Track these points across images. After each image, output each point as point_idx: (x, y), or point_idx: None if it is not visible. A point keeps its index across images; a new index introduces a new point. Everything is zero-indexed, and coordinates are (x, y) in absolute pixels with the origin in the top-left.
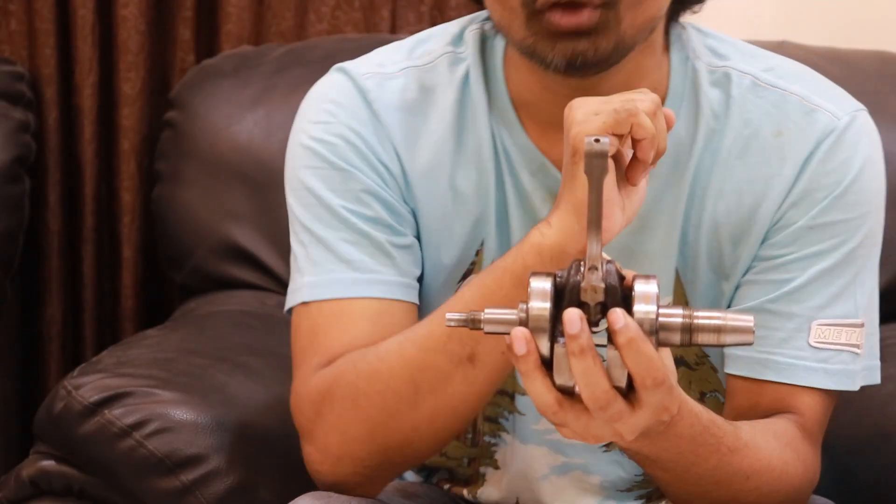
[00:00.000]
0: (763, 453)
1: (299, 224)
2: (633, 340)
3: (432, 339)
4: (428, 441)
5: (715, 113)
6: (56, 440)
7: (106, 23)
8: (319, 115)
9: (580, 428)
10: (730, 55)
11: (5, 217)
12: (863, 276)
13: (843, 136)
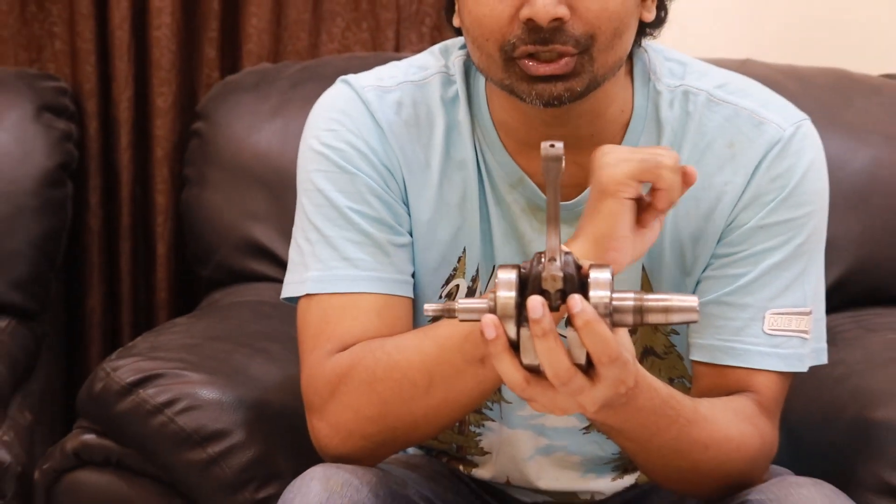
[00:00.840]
0: (721, 426)
1: (308, 221)
2: (589, 322)
3: (451, 340)
4: (433, 426)
5: (674, 128)
6: (96, 417)
7: (141, 43)
8: (329, 122)
9: (547, 402)
10: (686, 74)
11: (50, 218)
12: (809, 269)
13: (788, 145)
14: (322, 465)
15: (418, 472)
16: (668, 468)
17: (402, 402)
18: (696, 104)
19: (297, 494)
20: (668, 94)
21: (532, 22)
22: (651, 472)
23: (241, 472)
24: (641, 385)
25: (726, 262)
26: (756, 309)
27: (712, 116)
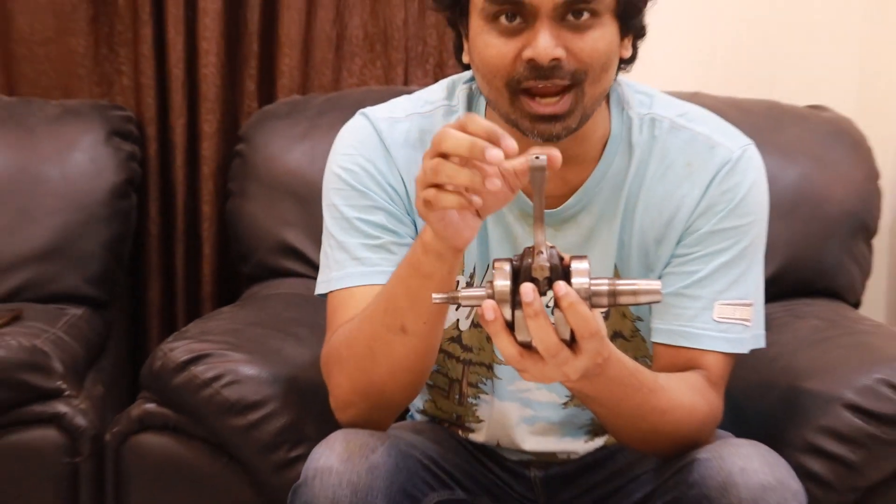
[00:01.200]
0: (676, 395)
1: (328, 231)
2: (573, 304)
3: (374, 315)
4: (397, 389)
5: (643, 149)
6: (156, 389)
7: (192, 79)
8: (346, 149)
9: (537, 372)
10: (653, 104)
11: (118, 224)
12: (752, 268)
13: (736, 165)
14: (343, 430)
15: (424, 435)
16: (632, 430)
17: (361, 372)
18: (662, 129)
19: (322, 454)
20: (638, 121)
21: (534, 62)
22: (618, 434)
23: (275, 436)
24: (612, 358)
25: (683, 261)
26: (707, 300)
27: (674, 140)
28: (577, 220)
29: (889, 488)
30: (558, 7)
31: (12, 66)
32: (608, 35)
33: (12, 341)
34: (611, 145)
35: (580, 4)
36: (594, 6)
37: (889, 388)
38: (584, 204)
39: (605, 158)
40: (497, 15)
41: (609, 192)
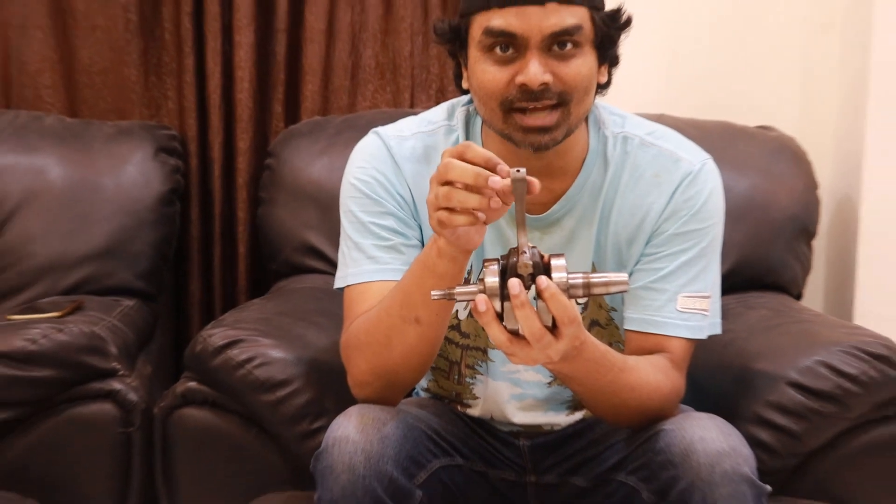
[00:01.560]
0: (643, 374)
1: (345, 233)
2: (554, 294)
3: (391, 308)
4: (408, 371)
5: (616, 163)
6: (197, 370)
7: (228, 102)
8: (360, 162)
9: (525, 355)
10: (625, 124)
11: (164, 227)
12: (710, 265)
13: (696, 176)
14: (359, 405)
15: (428, 410)
16: (605, 404)
17: (377, 356)
18: (633, 146)
19: (340, 426)
20: (612, 139)
21: (525, 86)
22: (594, 408)
23: (299, 410)
24: (587, 342)
25: (651, 259)
26: (671, 293)
27: (644, 155)
28: (560, 224)
29: (825, 454)
30: (545, 39)
31: (75, 93)
32: (589, 62)
33: (74, 328)
34: (589, 159)
35: (564, 37)
36: (576, 38)
37: (827, 369)
38: (567, 210)
39: (584, 171)
40: (492, 46)
41: (588, 199)
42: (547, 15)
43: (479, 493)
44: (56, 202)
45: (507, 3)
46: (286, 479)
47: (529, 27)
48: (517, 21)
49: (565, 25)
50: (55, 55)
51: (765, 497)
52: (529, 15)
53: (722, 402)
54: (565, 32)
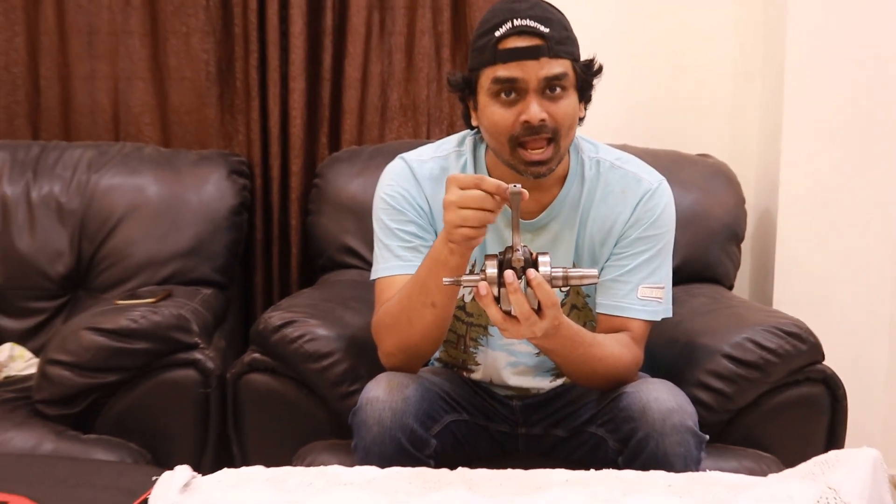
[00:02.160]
0: (608, 348)
1: (377, 237)
2: (540, 284)
3: (411, 295)
4: (427, 345)
5: (591, 181)
6: (260, 344)
7: (284, 135)
8: (389, 181)
9: (515, 331)
10: (598, 151)
11: (235, 232)
12: (664, 263)
13: (654, 193)
14: (386, 373)
15: (441, 377)
16: (579, 372)
17: (401, 333)
18: (604, 168)
19: (372, 389)
20: (588, 162)
21: (528, 123)
22: (570, 375)
23: (340, 376)
24: (563, 323)
25: (618, 257)
26: (633, 285)
27: (613, 175)
28: (547, 228)
29: (750, 410)
30: (541, 84)
31: (167, 128)
32: (573, 102)
33: (165, 311)
34: (570, 178)
35: (555, 82)
36: (563, 83)
37: (752, 344)
38: (552, 217)
39: (565, 187)
40: (499, 92)
41: (568, 209)
42: (541, 66)
43: (480, 442)
44: (152, 213)
45: (510, 59)
46: (329, 430)
47: (528, 75)
48: (519, 71)
49: (555, 73)
50: (153, 100)
51: (704, 444)
52: (528, 67)
53: (672, 370)
54: (556, 78)
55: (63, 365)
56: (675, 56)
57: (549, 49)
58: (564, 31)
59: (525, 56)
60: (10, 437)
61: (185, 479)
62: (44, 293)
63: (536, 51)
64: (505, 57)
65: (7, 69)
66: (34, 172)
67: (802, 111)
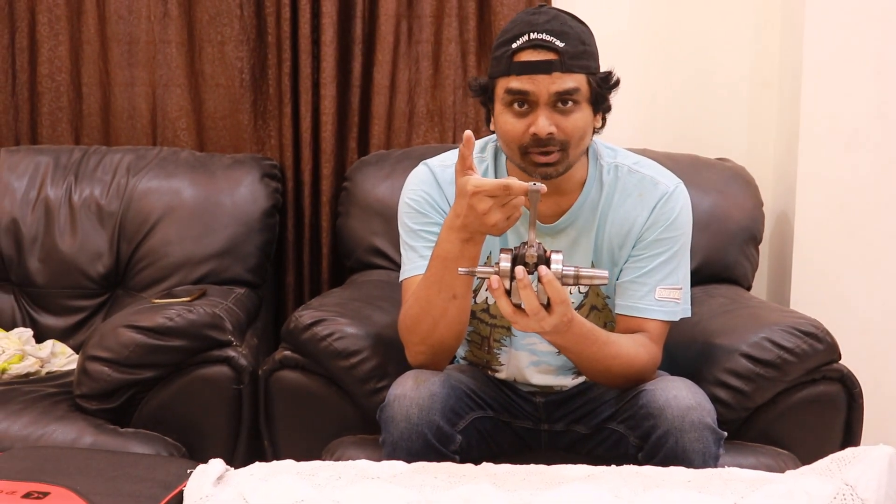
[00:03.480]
0: (623, 347)
1: (402, 240)
2: (550, 280)
3: (430, 293)
4: (452, 338)
5: (609, 186)
6: (291, 342)
7: (315, 140)
8: (412, 185)
9: (524, 324)
10: (616, 156)
11: (267, 234)
12: (681, 264)
13: (671, 196)
14: (413, 370)
15: (466, 374)
16: (593, 369)
17: (428, 330)
18: (622, 172)
19: (399, 385)
20: (606, 167)
21: (536, 136)
22: (586, 372)
23: (368, 373)
24: (575, 320)
25: (636, 259)
26: (651, 286)
27: (631, 179)
28: (566, 232)
29: (767, 408)
30: (551, 97)
31: (203, 133)
32: (585, 116)
33: (200, 309)
34: (588, 183)
35: (565, 96)
36: (575, 98)
37: (770, 343)
38: (571, 221)
39: (584, 191)
40: (511, 102)
41: (587, 213)
42: (553, 80)
43: (504, 438)
44: (188, 215)
45: (523, 72)
46: (358, 426)
47: (539, 89)
48: (531, 85)
49: (566, 88)
50: (189, 105)
51: (722, 441)
52: (539, 81)
53: (691, 369)
54: (566, 93)
55: (102, 361)
56: (693, 62)
57: (561, 64)
58: (582, 45)
59: (537, 70)
60: (51, 431)
61: (218, 471)
62: (84, 292)
63: (549, 65)
64: (518, 69)
65: (51, 77)
66: (76, 176)
67: (819, 116)
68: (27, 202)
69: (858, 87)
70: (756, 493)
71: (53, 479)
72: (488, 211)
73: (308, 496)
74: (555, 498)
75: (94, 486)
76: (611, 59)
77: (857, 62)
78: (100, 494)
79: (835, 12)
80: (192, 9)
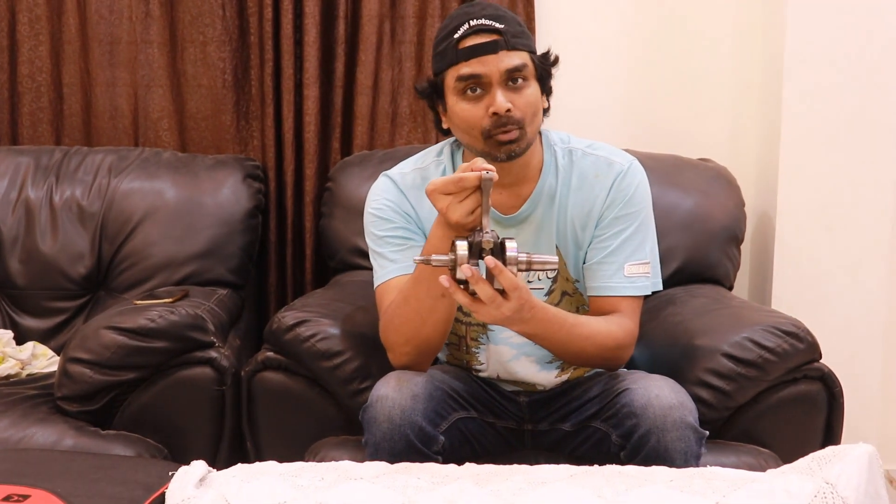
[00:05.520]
0: (594, 326)
1: (371, 250)
2: (501, 270)
3: (419, 293)
4: (438, 337)
5: (565, 170)
6: (273, 343)
7: (298, 140)
8: (374, 196)
9: (484, 312)
10: (570, 142)
11: (249, 234)
12: (647, 238)
13: (627, 173)
14: (396, 371)
15: (449, 374)
16: (568, 353)
17: (413, 330)
18: (577, 156)
19: (382, 386)
20: (560, 152)
21: (496, 114)
22: (562, 357)
23: (351, 374)
24: (537, 307)
25: (600, 239)
26: (619, 264)
27: (586, 161)
28: (528, 220)
29: (749, 407)
30: (503, 76)
31: (185, 134)
32: (535, 91)
33: (182, 310)
34: (545, 170)
35: (515, 73)
36: (524, 74)
37: (751, 343)
38: (532, 209)
39: (542, 178)
40: (465, 89)
41: (546, 199)
42: (500, 59)
43: (488, 438)
44: (170, 215)
45: (472, 56)
46: (340, 427)
47: (490, 69)
48: (481, 66)
49: (515, 64)
50: (171, 106)
51: (704, 440)
52: (489, 61)
53: (673, 368)
54: (515, 69)
55: (83, 363)
56: (676, 63)
57: (506, 43)
58: (518, 26)
59: (484, 51)
60: (32, 433)
61: (200, 473)
62: (65, 293)
63: (494, 45)
64: (466, 55)
65: (31, 77)
66: (57, 177)
67: (800, 117)
68: (7, 203)
69: (839, 87)
70: (737, 492)
71: (34, 481)
72: (447, 207)
73: (291, 497)
74: (538, 498)
75: (75, 488)
76: (594, 61)
77: (838, 63)
78: (81, 497)
79: (816, 13)
80: (173, 9)
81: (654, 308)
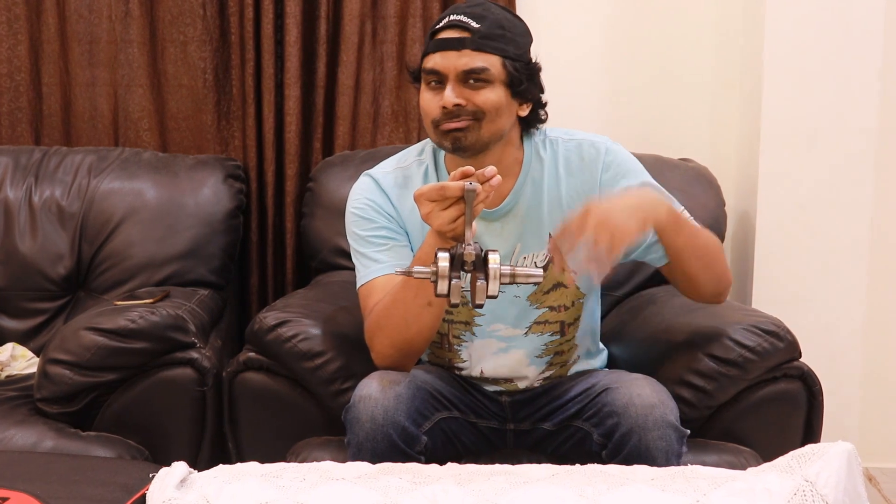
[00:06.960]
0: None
1: (353, 250)
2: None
3: (406, 298)
4: (423, 341)
5: (549, 159)
6: (255, 344)
7: (279, 140)
8: (356, 195)
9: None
10: (547, 132)
11: (231, 235)
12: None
13: (609, 150)
14: (379, 371)
15: (432, 374)
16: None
17: (398, 333)
18: (558, 144)
19: (364, 387)
20: (540, 143)
21: (444, 107)
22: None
23: (333, 374)
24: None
25: None
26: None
27: (569, 147)
28: (512, 212)
29: (729, 406)
30: (459, 74)
31: (165, 134)
32: (498, 94)
33: (163, 311)
34: (526, 160)
35: (473, 74)
36: (484, 77)
37: (732, 342)
38: (515, 202)
39: (522, 172)
40: (429, 81)
41: (531, 190)
42: (461, 57)
43: (470, 438)
44: (150, 216)
45: (437, 49)
46: (323, 427)
47: (447, 65)
48: (441, 61)
49: (474, 66)
50: (151, 106)
51: (685, 439)
52: (449, 56)
53: (654, 367)
54: (473, 72)
55: (63, 364)
56: (656, 62)
57: (472, 42)
58: (499, 28)
59: (448, 47)
60: (11, 435)
61: (181, 475)
62: (45, 294)
63: (460, 43)
64: (434, 48)
65: (10, 76)
66: (36, 177)
67: (780, 117)
68: None
69: (818, 87)
70: (718, 490)
71: (13, 483)
72: (430, 214)
73: (272, 498)
74: (520, 497)
75: (55, 490)
76: (574, 60)
77: (817, 63)
78: (60, 499)
79: (795, 13)
80: (153, 8)
81: (635, 307)
